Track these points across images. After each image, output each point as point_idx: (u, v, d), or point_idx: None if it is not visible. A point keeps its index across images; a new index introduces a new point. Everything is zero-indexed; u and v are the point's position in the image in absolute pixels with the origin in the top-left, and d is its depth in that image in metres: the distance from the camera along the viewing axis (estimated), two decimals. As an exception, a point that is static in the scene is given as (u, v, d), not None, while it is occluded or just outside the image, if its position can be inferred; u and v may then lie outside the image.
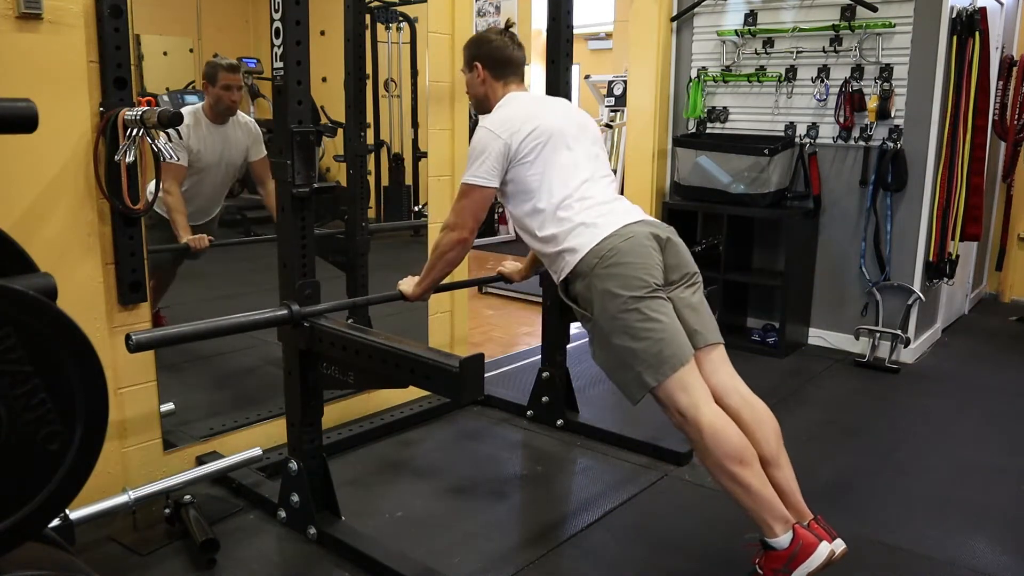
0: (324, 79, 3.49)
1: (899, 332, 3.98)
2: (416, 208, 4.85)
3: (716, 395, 2.04)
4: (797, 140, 4.18)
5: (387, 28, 4.71)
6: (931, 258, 4.00)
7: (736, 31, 4.28)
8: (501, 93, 2.37)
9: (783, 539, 1.90)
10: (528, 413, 3.23)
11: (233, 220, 3.98)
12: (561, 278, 2.21)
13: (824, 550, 1.89)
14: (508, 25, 2.44)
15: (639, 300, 2.01)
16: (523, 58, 2.41)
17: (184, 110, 3.35)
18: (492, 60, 2.36)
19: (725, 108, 4.44)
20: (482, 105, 2.42)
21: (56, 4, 2.10)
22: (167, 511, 2.32)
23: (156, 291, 3.31)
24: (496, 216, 7.56)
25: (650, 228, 2.14)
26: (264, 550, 2.26)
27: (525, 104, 2.32)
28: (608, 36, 8.03)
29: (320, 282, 2.24)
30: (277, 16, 2.05)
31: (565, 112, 2.37)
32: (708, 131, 4.51)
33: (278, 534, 2.34)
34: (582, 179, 2.22)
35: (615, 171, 5.62)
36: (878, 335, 4.03)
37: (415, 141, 4.93)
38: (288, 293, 2.20)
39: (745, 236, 4.42)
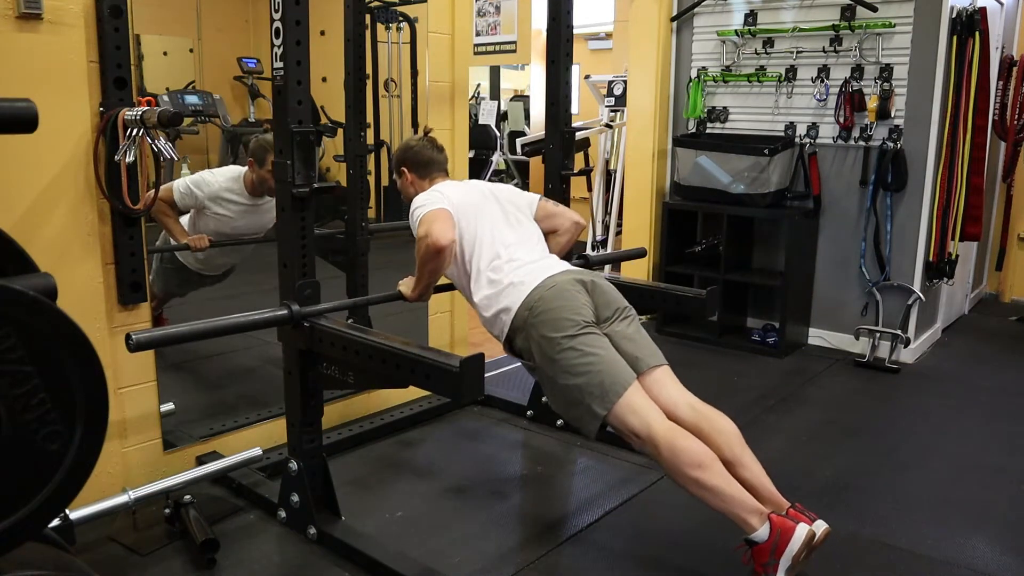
0: (324, 79, 3.48)
1: (899, 332, 3.98)
2: (416, 208, 4.83)
3: (669, 412, 2.14)
4: (797, 140, 4.18)
5: (387, 28, 4.71)
6: (931, 258, 4.00)
7: (736, 31, 4.28)
8: (428, 187, 2.55)
9: (762, 532, 1.95)
10: (528, 413, 3.23)
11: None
12: (503, 338, 2.34)
13: (803, 530, 1.94)
14: (427, 131, 2.74)
15: (572, 338, 2.15)
16: (444, 159, 2.66)
17: (225, 173, 3.32)
18: (415, 163, 2.61)
19: (725, 108, 4.44)
20: None
21: (56, 4, 2.10)
22: (167, 511, 2.32)
23: (161, 302, 3.31)
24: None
25: (573, 275, 2.33)
26: (264, 550, 2.26)
27: (449, 186, 2.54)
28: (608, 36, 8.02)
29: (320, 282, 2.24)
30: (277, 16, 2.05)
31: (485, 189, 2.58)
32: (708, 131, 4.51)
33: (278, 534, 2.34)
34: (508, 243, 2.41)
35: (615, 171, 5.61)
36: (878, 335, 4.03)
37: (415, 141, 4.91)
38: (288, 293, 2.20)
39: (745, 236, 4.42)
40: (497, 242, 2.41)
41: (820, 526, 2.02)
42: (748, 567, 1.99)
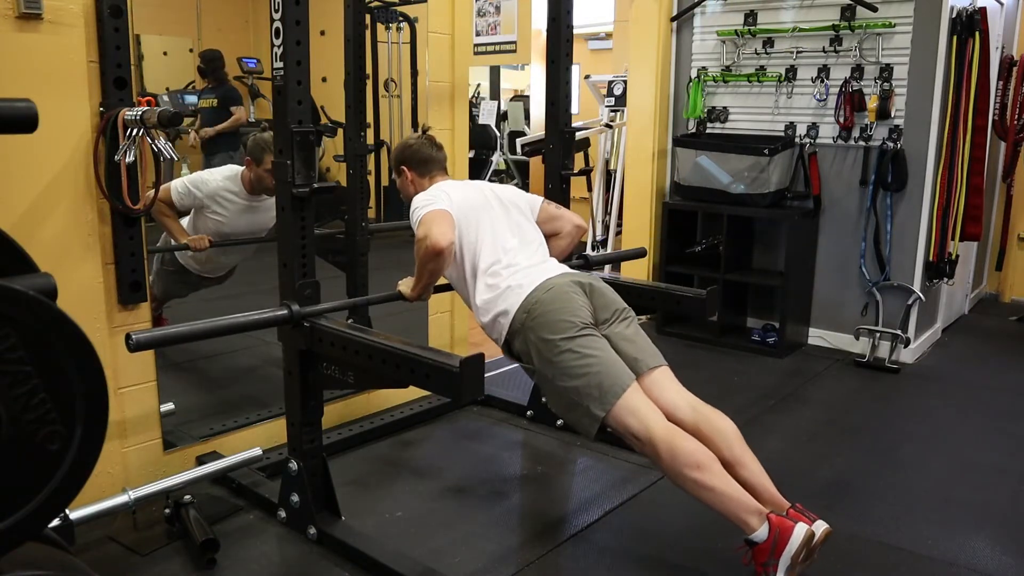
0: (324, 79, 3.48)
1: (899, 332, 3.98)
2: (416, 208, 4.83)
3: (668, 413, 2.14)
4: (797, 140, 4.18)
5: (387, 28, 4.71)
6: (931, 258, 4.00)
7: (736, 31, 4.28)
8: (428, 186, 2.54)
9: (761, 532, 1.95)
10: (528, 413, 3.23)
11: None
12: (502, 341, 2.34)
13: (801, 530, 1.94)
14: (425, 130, 2.72)
15: (570, 340, 2.15)
16: (443, 157, 2.65)
17: (223, 172, 3.32)
18: (414, 161, 2.60)
19: (725, 108, 4.44)
20: None
21: (56, 4, 2.10)
22: (167, 511, 2.32)
23: (161, 303, 3.31)
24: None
25: (571, 278, 2.33)
26: (264, 550, 2.26)
27: (450, 185, 2.52)
28: (608, 36, 8.02)
29: (320, 282, 2.24)
30: (277, 16, 2.05)
31: (487, 190, 2.56)
32: (708, 131, 4.51)
33: (278, 534, 2.34)
34: (508, 247, 2.41)
35: (615, 171, 5.61)
36: (878, 335, 4.03)
37: (415, 141, 4.91)
38: (288, 293, 2.20)
39: (745, 236, 4.42)
40: (498, 246, 2.40)
41: (820, 526, 2.02)
42: (748, 567, 2.00)
